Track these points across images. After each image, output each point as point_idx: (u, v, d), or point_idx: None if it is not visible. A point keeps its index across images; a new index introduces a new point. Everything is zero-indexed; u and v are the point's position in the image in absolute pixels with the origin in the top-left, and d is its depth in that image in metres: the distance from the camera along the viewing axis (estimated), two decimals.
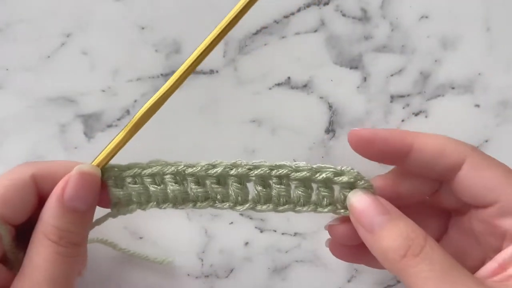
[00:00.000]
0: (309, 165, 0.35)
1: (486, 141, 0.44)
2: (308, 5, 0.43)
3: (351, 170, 0.35)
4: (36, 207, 0.35)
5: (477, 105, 0.44)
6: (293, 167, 0.35)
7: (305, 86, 0.43)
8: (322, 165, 0.35)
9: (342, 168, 0.35)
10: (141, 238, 0.44)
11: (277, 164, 0.35)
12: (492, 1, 0.43)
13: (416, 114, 0.44)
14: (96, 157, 0.35)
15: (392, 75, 0.43)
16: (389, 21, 0.43)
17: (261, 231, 0.45)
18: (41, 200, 0.35)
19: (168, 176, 0.35)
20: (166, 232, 0.44)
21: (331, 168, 0.35)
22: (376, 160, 0.37)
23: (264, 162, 0.35)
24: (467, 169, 0.34)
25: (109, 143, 0.35)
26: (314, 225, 0.44)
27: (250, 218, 0.44)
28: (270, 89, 0.43)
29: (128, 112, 0.43)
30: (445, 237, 0.39)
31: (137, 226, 0.44)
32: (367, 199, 0.34)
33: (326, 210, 0.36)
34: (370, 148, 0.36)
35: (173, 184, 0.35)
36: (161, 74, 0.43)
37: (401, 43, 0.43)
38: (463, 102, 0.44)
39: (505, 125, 0.44)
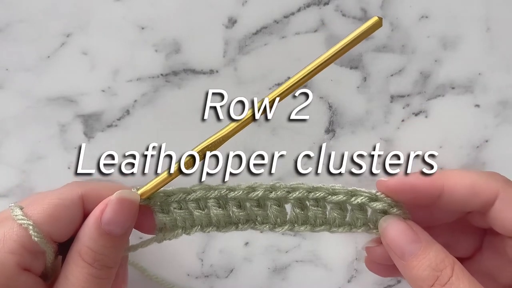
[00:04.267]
0: (344, 187, 0.36)
1: (486, 141, 0.44)
2: (308, 5, 0.43)
3: (385, 198, 0.36)
4: (80, 226, 0.35)
5: (477, 105, 0.44)
6: (330, 189, 0.36)
7: (305, 86, 0.43)
8: (358, 189, 0.36)
9: (377, 194, 0.36)
10: (140, 238, 0.44)
11: (314, 186, 0.36)
12: (492, 1, 0.43)
13: (416, 114, 0.44)
14: (144, 186, 0.35)
15: (392, 75, 0.43)
16: (389, 21, 0.43)
17: (261, 231, 0.44)
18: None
19: (211, 200, 0.36)
20: None
21: (366, 193, 0.36)
22: (408, 203, 0.37)
23: (302, 184, 0.36)
24: (500, 205, 0.34)
25: (159, 175, 0.35)
26: None
27: None
28: (270, 89, 0.43)
29: (128, 112, 0.43)
30: (478, 253, 0.39)
31: None
32: (399, 226, 0.35)
33: (360, 230, 0.37)
34: (399, 197, 0.36)
35: (217, 208, 0.36)
36: (161, 74, 0.43)
37: (401, 43, 0.43)
38: (463, 102, 0.44)
39: (505, 125, 0.44)
